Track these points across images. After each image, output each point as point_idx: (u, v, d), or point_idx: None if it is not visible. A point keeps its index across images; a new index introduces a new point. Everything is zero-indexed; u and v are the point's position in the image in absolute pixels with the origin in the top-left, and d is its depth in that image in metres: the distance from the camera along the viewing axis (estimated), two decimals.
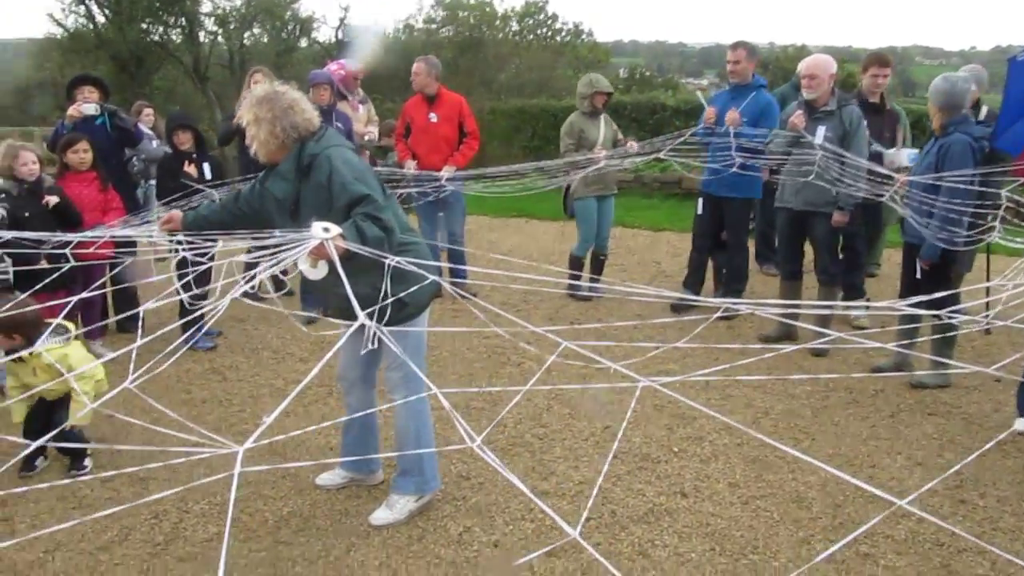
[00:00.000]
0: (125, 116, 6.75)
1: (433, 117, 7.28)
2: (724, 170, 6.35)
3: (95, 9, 25.89)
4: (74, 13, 26.09)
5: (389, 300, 3.24)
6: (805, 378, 5.50)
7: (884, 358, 5.83)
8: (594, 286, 7.45)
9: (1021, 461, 4.45)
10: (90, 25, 26.10)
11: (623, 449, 4.55)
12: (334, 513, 3.95)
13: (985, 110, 5.85)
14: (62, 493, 4.13)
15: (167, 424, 4.17)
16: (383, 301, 3.23)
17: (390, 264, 3.00)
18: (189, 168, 6.11)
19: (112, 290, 6.17)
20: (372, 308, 3.06)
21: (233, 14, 27.02)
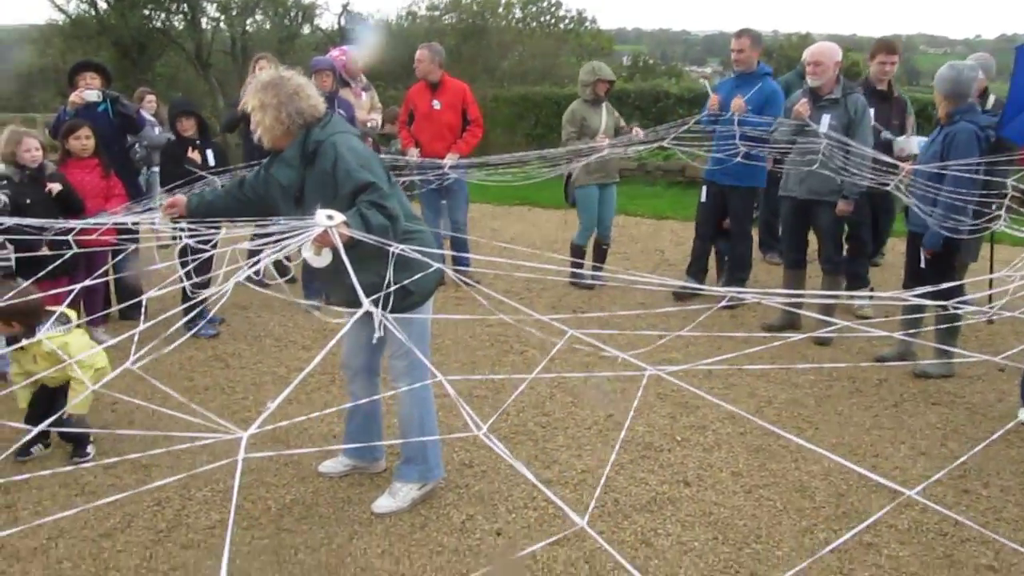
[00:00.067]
0: (127, 103, 6.72)
1: (436, 104, 7.25)
2: (728, 159, 6.33)
3: None
4: None
5: (393, 288, 3.23)
6: (809, 367, 5.49)
7: (888, 347, 5.82)
8: (597, 274, 7.43)
9: None
10: (92, 11, 26.00)
11: (626, 438, 4.55)
12: (337, 501, 3.95)
13: (992, 99, 5.82)
14: (64, 480, 4.13)
15: (170, 410, 4.17)
16: (387, 289, 3.22)
17: (394, 252, 2.99)
18: (193, 154, 6.09)
19: (114, 278, 6.16)
20: (377, 296, 3.05)
21: (235, 1, 26.91)
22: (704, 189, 7.00)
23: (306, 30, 29.57)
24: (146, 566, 3.45)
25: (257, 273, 2.80)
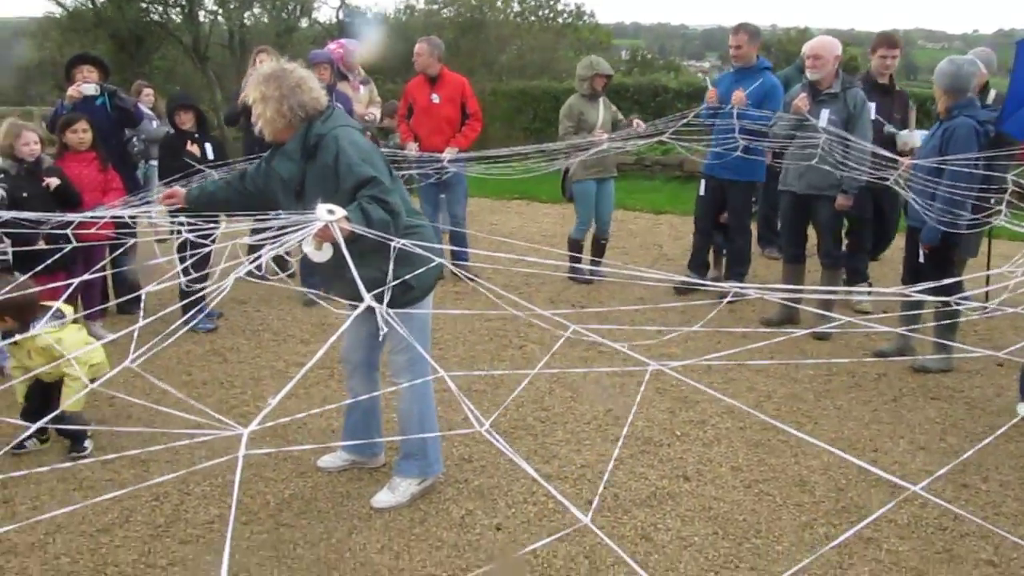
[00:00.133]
0: (125, 96, 6.69)
1: (435, 98, 7.23)
2: (728, 153, 6.32)
3: None
4: None
5: (394, 282, 3.22)
6: (811, 363, 5.49)
7: (886, 342, 5.82)
8: (595, 269, 7.42)
9: (1023, 445, 4.44)
10: (89, 3, 25.91)
11: (625, 433, 4.54)
12: (336, 496, 3.95)
13: (993, 94, 5.81)
14: (62, 475, 4.12)
15: (168, 405, 4.16)
16: (389, 284, 3.21)
17: (395, 247, 2.97)
18: (191, 148, 6.07)
19: (112, 272, 6.15)
20: (378, 291, 3.04)
21: None
22: (703, 183, 6.98)
23: (304, 23, 29.52)
24: (144, 561, 3.44)
25: (258, 268, 2.79)
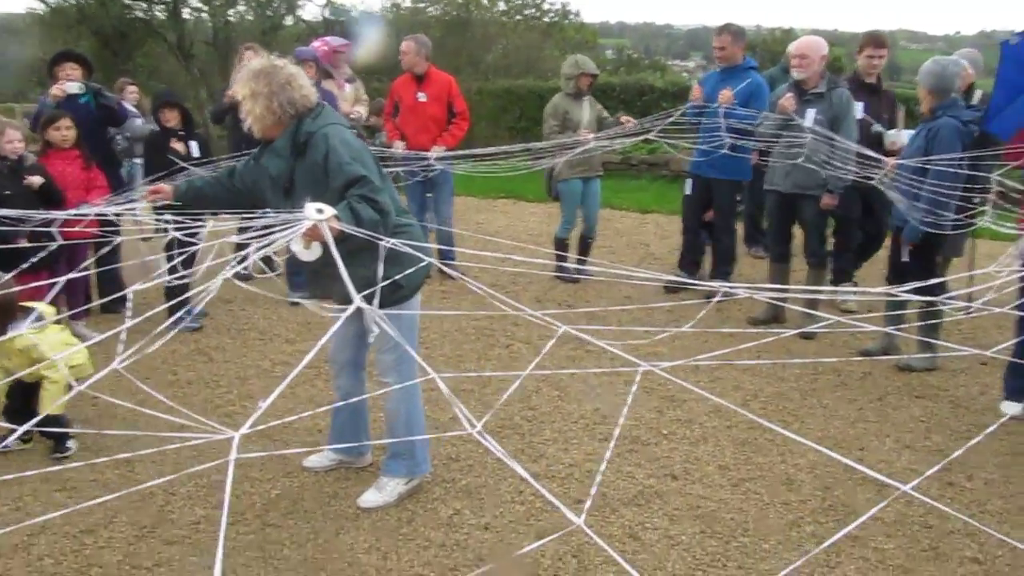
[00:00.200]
0: (109, 94, 6.64)
1: (422, 97, 7.21)
2: (714, 151, 6.33)
3: None
4: None
5: (384, 283, 3.20)
6: (797, 362, 5.51)
7: (872, 341, 5.85)
8: (582, 268, 7.42)
9: (1008, 444, 4.48)
10: (72, 0, 25.68)
11: (613, 432, 4.55)
12: (323, 496, 3.93)
13: (979, 94, 5.84)
14: (46, 475, 4.08)
15: (153, 406, 4.12)
16: (378, 284, 3.19)
17: (384, 246, 2.96)
18: (176, 145, 6.03)
19: (96, 272, 6.09)
20: (367, 291, 3.02)
21: None
22: (689, 182, 7.00)
23: (289, 21, 29.35)
24: (129, 562, 3.41)
25: (245, 268, 2.77)
